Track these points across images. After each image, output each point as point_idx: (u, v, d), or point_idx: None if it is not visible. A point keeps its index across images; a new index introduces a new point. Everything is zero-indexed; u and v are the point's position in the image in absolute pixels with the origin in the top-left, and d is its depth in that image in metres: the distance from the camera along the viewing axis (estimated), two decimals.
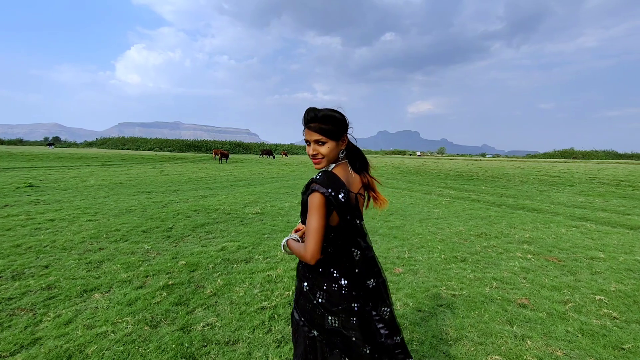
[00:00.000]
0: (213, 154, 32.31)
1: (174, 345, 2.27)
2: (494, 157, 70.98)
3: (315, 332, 1.31)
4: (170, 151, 53.41)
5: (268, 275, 3.56)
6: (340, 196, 1.23)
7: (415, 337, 2.45)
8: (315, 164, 1.34)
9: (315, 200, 1.21)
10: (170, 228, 5.54)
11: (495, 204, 9.17)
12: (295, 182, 13.82)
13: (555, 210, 8.08)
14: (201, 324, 2.56)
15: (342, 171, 1.33)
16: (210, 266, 3.80)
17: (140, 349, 2.23)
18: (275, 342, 2.36)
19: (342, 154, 1.36)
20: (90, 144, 67.52)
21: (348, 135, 1.37)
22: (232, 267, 3.82)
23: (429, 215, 7.25)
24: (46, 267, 3.67)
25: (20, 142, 72.70)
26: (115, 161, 25.69)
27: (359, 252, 1.31)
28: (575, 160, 39.92)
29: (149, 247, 4.50)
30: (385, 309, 1.35)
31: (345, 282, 1.29)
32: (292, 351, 1.57)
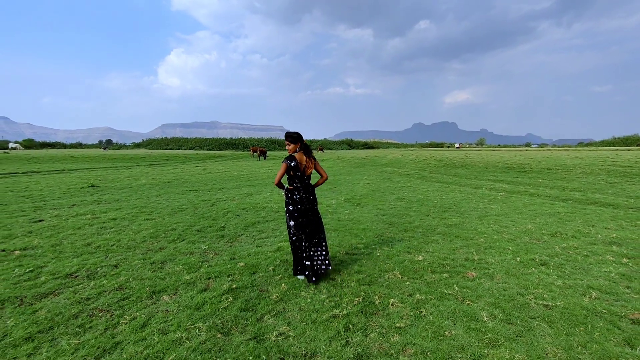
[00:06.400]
0: (251, 152, 33.04)
1: (251, 358, 2.15)
2: (540, 147, 65.75)
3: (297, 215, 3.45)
4: (210, 150, 55.53)
5: (332, 278, 3.37)
6: (291, 164, 3.33)
7: (517, 358, 2.13)
8: (289, 152, 3.46)
9: (282, 164, 3.33)
10: (223, 227, 5.56)
11: (559, 198, 8.31)
12: (336, 177, 13.60)
13: (636, 205, 7.11)
14: (274, 333, 2.42)
15: (299, 155, 3.41)
16: (270, 268, 3.70)
17: (219, 359, 2.14)
18: (357, 358, 2.16)
19: (299, 149, 3.45)
20: (137, 145, 72.22)
21: (303, 139, 3.52)
22: (292, 269, 3.68)
23: (487, 212, 6.69)
24: (115, 266, 3.77)
25: (79, 145, 79.53)
26: (161, 161, 27.13)
27: (298, 184, 3.41)
28: None
29: (206, 247, 4.52)
30: (311, 218, 3.45)
31: (298, 196, 3.40)
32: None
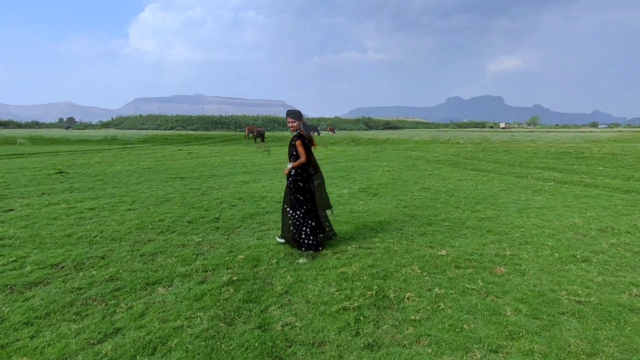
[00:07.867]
0: (246, 132, 33.52)
1: (257, 344, 2.57)
2: (610, 127, 64.84)
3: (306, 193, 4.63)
4: (195, 129, 56.31)
5: (342, 272, 3.78)
6: (306, 141, 4.46)
7: (536, 349, 2.50)
8: (292, 130, 4.48)
9: (298, 142, 4.37)
10: (217, 218, 6.01)
11: (620, 189, 8.54)
12: (349, 164, 13.97)
13: None
14: (279, 324, 2.85)
15: (303, 131, 4.50)
16: (274, 261, 4.12)
17: (223, 345, 2.57)
18: (367, 347, 2.57)
19: (302, 126, 4.50)
20: (106, 124, 73.59)
21: (304, 117, 4.65)
22: (299, 262, 4.11)
23: (529, 205, 7.00)
24: (102, 257, 4.25)
25: (36, 124, 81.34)
26: (136, 143, 27.88)
27: (311, 159, 4.60)
28: None
29: (199, 239, 4.96)
30: (322, 192, 4.86)
31: (308, 171, 4.60)
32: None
